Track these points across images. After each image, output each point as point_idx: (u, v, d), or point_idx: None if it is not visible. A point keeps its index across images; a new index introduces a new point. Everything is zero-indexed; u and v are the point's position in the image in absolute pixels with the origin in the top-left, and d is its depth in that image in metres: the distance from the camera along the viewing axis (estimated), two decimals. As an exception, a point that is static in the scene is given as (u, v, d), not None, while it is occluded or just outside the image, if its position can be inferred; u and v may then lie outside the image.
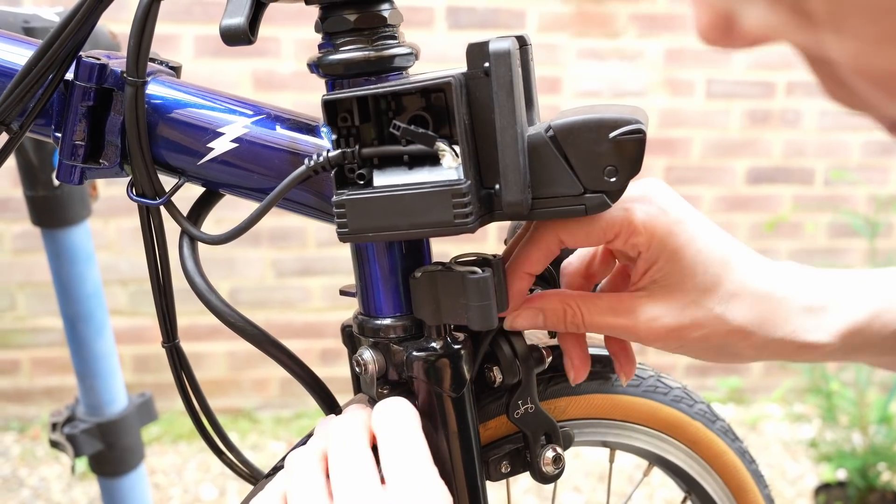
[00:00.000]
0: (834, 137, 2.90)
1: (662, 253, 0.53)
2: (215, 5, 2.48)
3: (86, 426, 1.19)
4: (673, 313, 0.54)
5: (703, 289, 0.54)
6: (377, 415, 0.52)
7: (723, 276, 0.54)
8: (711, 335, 0.54)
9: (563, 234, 0.53)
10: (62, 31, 0.52)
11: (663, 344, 0.55)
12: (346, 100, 0.50)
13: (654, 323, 0.54)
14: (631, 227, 0.53)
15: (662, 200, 0.54)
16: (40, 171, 1.08)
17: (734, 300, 0.54)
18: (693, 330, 0.54)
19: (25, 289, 2.62)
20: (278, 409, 2.80)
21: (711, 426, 0.72)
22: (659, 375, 0.71)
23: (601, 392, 0.67)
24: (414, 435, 0.50)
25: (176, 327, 0.61)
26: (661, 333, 0.54)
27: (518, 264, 0.55)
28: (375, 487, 0.47)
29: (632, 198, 0.54)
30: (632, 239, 0.53)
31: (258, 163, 0.55)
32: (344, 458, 0.49)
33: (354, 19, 0.51)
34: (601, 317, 0.55)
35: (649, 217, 0.53)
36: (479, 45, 0.48)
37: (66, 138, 0.55)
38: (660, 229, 0.53)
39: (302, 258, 2.71)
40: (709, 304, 0.54)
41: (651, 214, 0.53)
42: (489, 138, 0.49)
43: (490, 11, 2.64)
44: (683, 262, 0.53)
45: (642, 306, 0.54)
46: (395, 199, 0.49)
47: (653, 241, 0.53)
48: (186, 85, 0.57)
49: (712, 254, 0.54)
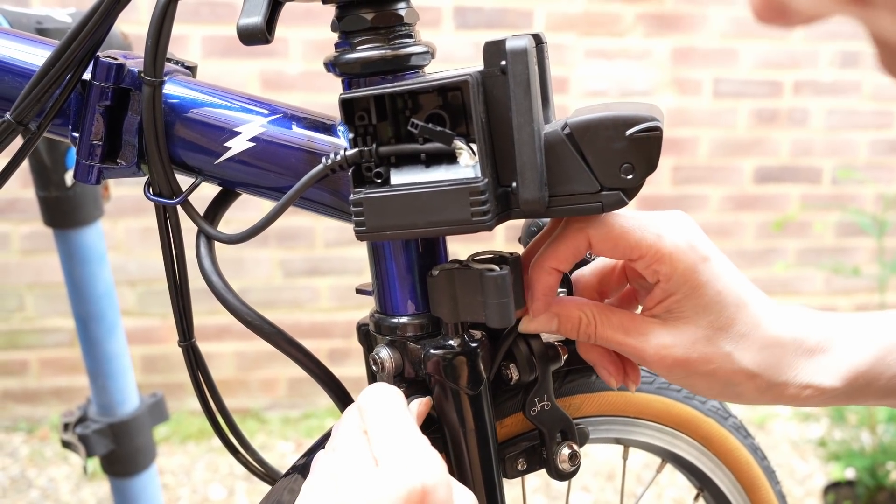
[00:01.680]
0: (841, 136, 2.90)
1: (683, 287, 0.54)
2: (223, 6, 2.48)
3: (98, 426, 1.19)
4: (684, 345, 0.54)
5: (717, 327, 0.54)
6: (361, 401, 0.52)
7: (736, 317, 0.55)
8: (718, 372, 0.55)
9: (592, 237, 0.54)
10: (80, 32, 0.52)
11: (668, 372, 0.56)
12: (364, 98, 0.50)
13: (664, 350, 0.54)
14: (658, 254, 0.53)
15: (692, 236, 0.54)
16: (53, 171, 1.08)
17: (744, 341, 0.55)
18: (701, 364, 0.54)
19: (34, 289, 2.63)
20: (287, 410, 2.80)
21: (724, 423, 0.72)
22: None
23: (616, 389, 0.67)
24: (396, 411, 0.51)
25: (192, 326, 0.61)
26: (669, 362, 0.55)
27: (546, 259, 0.55)
28: (367, 467, 0.48)
29: (664, 226, 0.54)
30: (655, 265, 0.54)
31: (275, 162, 0.55)
32: (338, 444, 0.50)
33: (371, 18, 0.52)
34: (613, 332, 0.56)
35: (677, 249, 0.53)
36: (495, 43, 0.48)
37: (84, 138, 0.55)
38: (685, 264, 0.53)
39: (310, 258, 2.71)
40: (720, 342, 0.54)
41: (679, 247, 0.53)
42: (506, 136, 0.49)
43: (497, 11, 2.64)
44: (702, 300, 0.54)
45: (655, 332, 0.55)
46: (413, 197, 0.49)
47: (675, 274, 0.53)
48: (203, 84, 0.57)
49: (729, 295, 0.54)
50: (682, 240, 0.54)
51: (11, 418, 2.72)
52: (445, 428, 0.57)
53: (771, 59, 2.80)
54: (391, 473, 0.46)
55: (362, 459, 0.48)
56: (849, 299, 3.04)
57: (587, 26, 2.70)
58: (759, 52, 2.79)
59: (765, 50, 2.79)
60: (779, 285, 2.98)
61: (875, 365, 0.56)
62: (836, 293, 3.03)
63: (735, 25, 2.76)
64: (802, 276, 2.99)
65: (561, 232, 0.55)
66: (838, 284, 3.01)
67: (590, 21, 2.70)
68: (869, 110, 2.89)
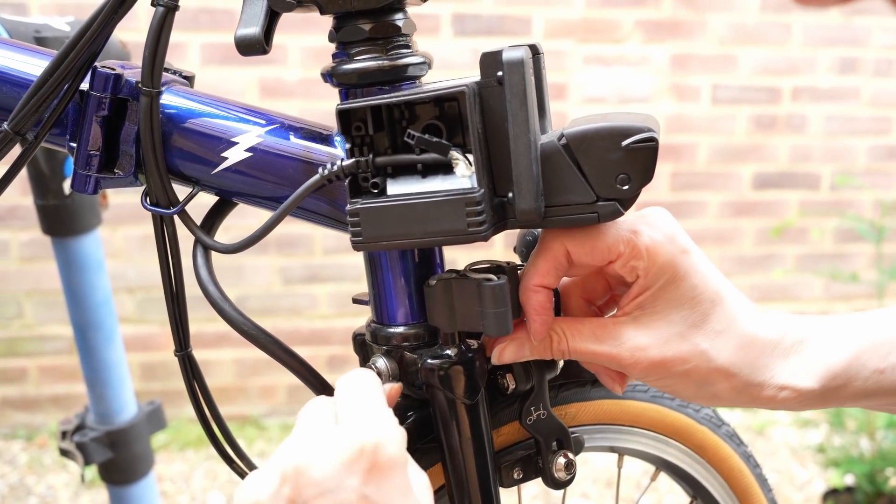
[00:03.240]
0: (840, 142, 2.90)
1: (659, 279, 0.53)
2: (222, 13, 2.49)
3: (95, 434, 1.19)
4: (658, 344, 0.54)
5: (691, 322, 0.54)
6: (339, 382, 0.53)
7: (711, 313, 0.54)
8: (693, 371, 0.54)
9: (569, 245, 0.53)
10: (78, 42, 0.52)
11: (645, 375, 0.55)
12: (361, 109, 0.50)
13: (639, 353, 0.54)
14: (635, 251, 0.53)
15: (669, 229, 0.54)
16: (51, 180, 1.08)
17: (720, 338, 0.54)
18: (677, 364, 0.54)
19: (33, 296, 2.63)
20: (285, 416, 2.80)
21: (717, 431, 0.72)
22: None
23: (611, 398, 0.67)
24: (366, 384, 0.52)
25: (188, 335, 0.61)
26: (644, 364, 0.54)
27: (530, 279, 0.54)
28: (328, 424, 0.50)
29: (639, 222, 0.54)
30: (633, 261, 0.53)
31: (272, 172, 0.55)
32: (306, 413, 0.52)
33: (369, 28, 0.52)
34: (585, 343, 0.55)
35: (654, 243, 0.53)
36: (492, 54, 0.48)
37: (81, 148, 0.55)
38: (662, 256, 0.53)
39: (309, 265, 2.71)
40: (695, 338, 0.54)
41: (656, 241, 0.53)
42: (502, 147, 0.49)
43: (496, 18, 2.65)
44: (676, 293, 0.54)
45: (627, 333, 0.54)
46: (409, 207, 0.50)
47: (653, 267, 0.53)
48: (200, 94, 0.57)
49: (706, 290, 0.54)
50: (660, 233, 0.53)
51: (10, 425, 2.71)
52: (442, 437, 0.57)
53: (769, 65, 2.81)
54: (347, 429, 0.48)
55: (325, 419, 0.50)
56: (847, 305, 3.04)
57: (586, 33, 2.70)
58: (758, 59, 2.80)
59: (763, 56, 2.80)
60: (777, 291, 2.98)
61: (851, 365, 0.56)
62: (834, 299, 3.03)
63: (733, 32, 2.76)
64: (801, 282, 2.99)
65: (539, 247, 0.55)
66: (837, 290, 3.01)
67: (588, 27, 2.70)
68: (867, 116, 2.90)
